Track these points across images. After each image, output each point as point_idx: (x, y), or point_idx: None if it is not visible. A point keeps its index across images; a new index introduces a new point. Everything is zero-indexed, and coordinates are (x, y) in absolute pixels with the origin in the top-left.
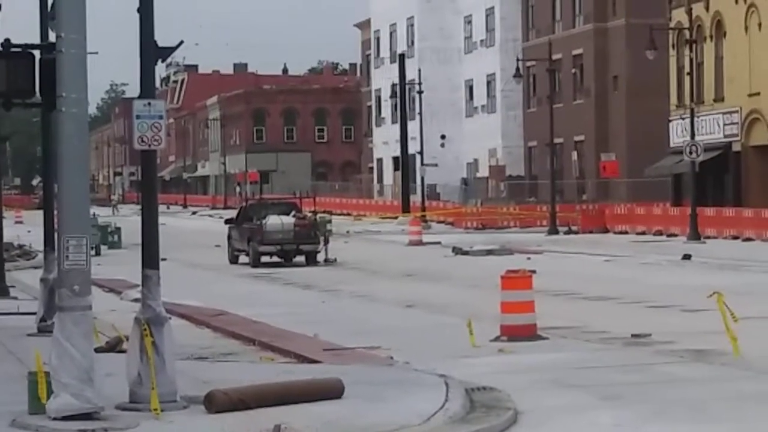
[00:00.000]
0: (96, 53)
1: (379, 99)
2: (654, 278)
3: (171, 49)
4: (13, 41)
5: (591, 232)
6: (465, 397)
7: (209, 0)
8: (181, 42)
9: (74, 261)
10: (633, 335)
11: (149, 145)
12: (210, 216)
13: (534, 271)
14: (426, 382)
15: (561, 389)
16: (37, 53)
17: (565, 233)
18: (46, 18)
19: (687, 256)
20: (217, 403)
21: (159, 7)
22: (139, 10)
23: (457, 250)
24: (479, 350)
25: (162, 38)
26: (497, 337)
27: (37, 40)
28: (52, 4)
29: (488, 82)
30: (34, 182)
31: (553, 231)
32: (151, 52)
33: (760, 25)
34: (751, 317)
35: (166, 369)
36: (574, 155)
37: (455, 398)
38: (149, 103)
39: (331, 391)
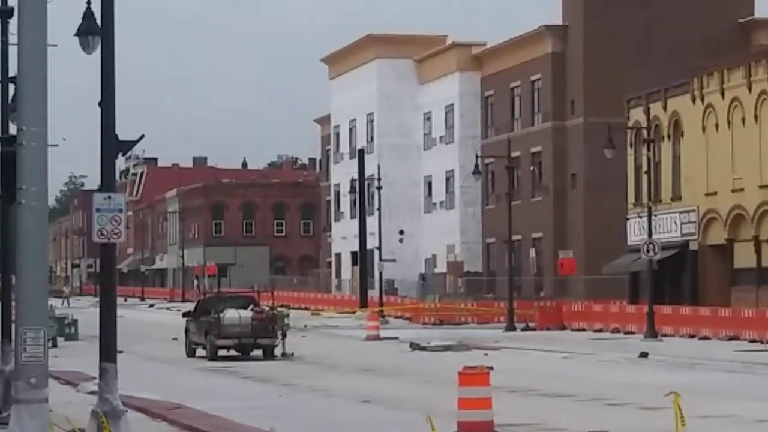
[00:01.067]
0: (56, 146)
1: (338, 194)
2: (611, 376)
3: (132, 143)
4: None
5: (548, 328)
6: None
7: (169, 93)
8: (142, 136)
9: (32, 353)
10: None
11: (108, 239)
12: (168, 309)
13: (491, 368)
14: None
15: None
16: None
17: (523, 330)
18: (7, 110)
19: (644, 354)
20: None
21: (118, 99)
22: (100, 104)
23: (415, 346)
24: None
25: (121, 131)
26: None
27: None
28: (14, 97)
29: (447, 179)
30: None
31: (511, 327)
32: (112, 145)
33: (717, 125)
34: (707, 416)
35: None
36: (532, 252)
37: None
38: (109, 197)
39: None
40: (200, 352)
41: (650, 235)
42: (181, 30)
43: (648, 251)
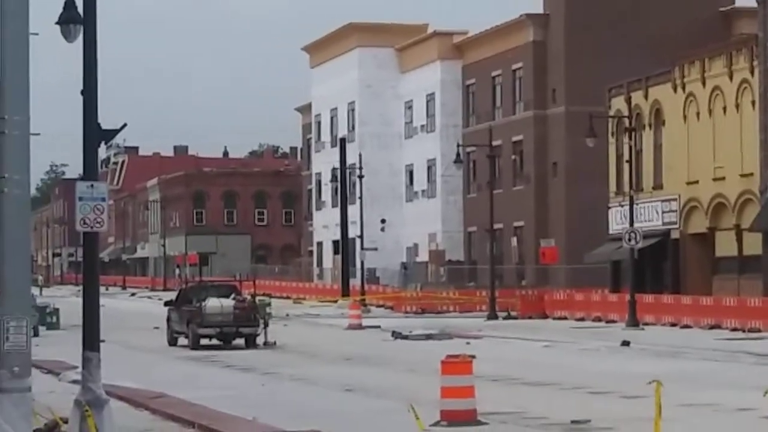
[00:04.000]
0: (38, 134)
1: (319, 183)
2: (593, 364)
3: (115, 132)
4: None
5: (530, 317)
6: None
7: (150, 82)
8: (125, 124)
9: (14, 342)
10: (572, 421)
11: (91, 227)
12: (149, 298)
13: (474, 356)
14: None
15: None
16: None
17: (505, 318)
18: None
19: (626, 343)
20: None
21: (99, 88)
22: (82, 93)
23: (397, 335)
24: None
25: (103, 120)
26: (437, 422)
27: None
28: None
29: (428, 167)
30: None
31: (493, 316)
32: (94, 134)
33: (698, 114)
34: (689, 404)
35: None
36: (514, 241)
37: None
38: (92, 185)
39: None
40: (182, 341)
41: (632, 223)
42: (162, 18)
43: (630, 240)
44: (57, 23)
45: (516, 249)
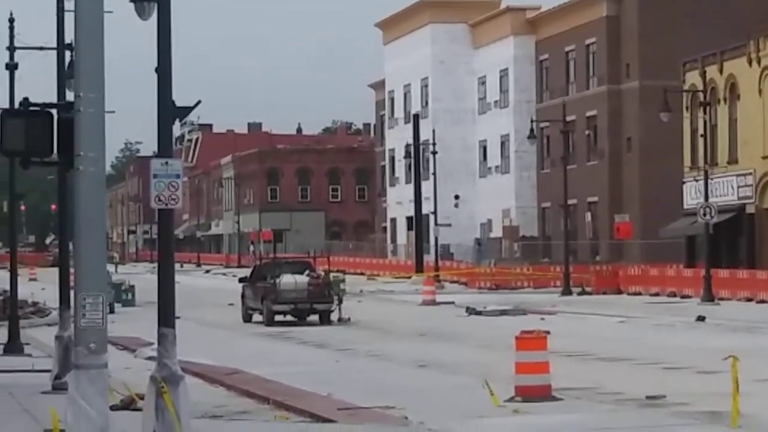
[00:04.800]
0: (113, 112)
1: (393, 159)
2: (668, 340)
3: (189, 109)
4: (31, 100)
5: (604, 293)
6: None
7: (224, 59)
8: (199, 101)
9: (91, 319)
10: (648, 397)
11: (166, 204)
12: (224, 275)
13: (548, 332)
14: None
15: None
16: (55, 112)
17: (579, 294)
18: (64, 77)
19: (701, 318)
20: None
21: (174, 65)
22: (157, 70)
23: (471, 311)
24: (494, 411)
25: (177, 97)
26: (512, 397)
27: (55, 99)
28: (70, 63)
29: (502, 143)
30: (48, 240)
31: (567, 292)
32: (169, 111)
33: None
34: (765, 379)
35: (182, 427)
36: (588, 216)
37: None
38: (166, 162)
39: None
40: (257, 317)
41: (707, 198)
42: None
43: (704, 215)
44: (131, 0)
45: (590, 224)
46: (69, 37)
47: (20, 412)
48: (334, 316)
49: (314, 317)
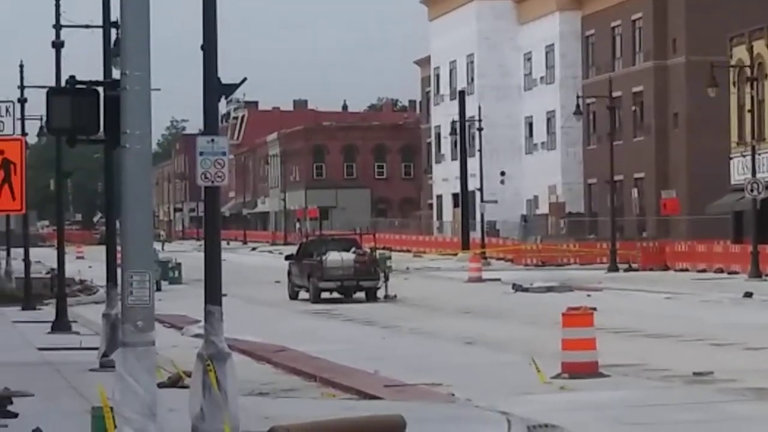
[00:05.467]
0: (159, 90)
1: (438, 136)
2: (715, 316)
3: (235, 86)
4: (77, 78)
5: (651, 269)
6: None
7: (269, 37)
8: (245, 79)
9: (138, 297)
10: (695, 373)
11: (212, 182)
12: (270, 252)
13: (594, 309)
14: (488, 418)
15: (623, 427)
16: (101, 90)
17: (625, 270)
18: (110, 55)
19: (748, 294)
20: None
21: (219, 43)
22: (202, 47)
23: (517, 287)
24: (540, 387)
25: (223, 74)
26: (558, 374)
27: (100, 77)
28: (116, 42)
29: (548, 119)
30: (95, 218)
31: (613, 268)
32: (214, 89)
33: None
34: None
35: (229, 405)
36: (635, 192)
37: None
38: (212, 140)
39: (393, 428)
40: (303, 294)
41: (754, 174)
42: None
43: (752, 190)
44: None
45: (636, 200)
46: (115, 14)
47: (68, 390)
48: (380, 293)
49: (360, 294)
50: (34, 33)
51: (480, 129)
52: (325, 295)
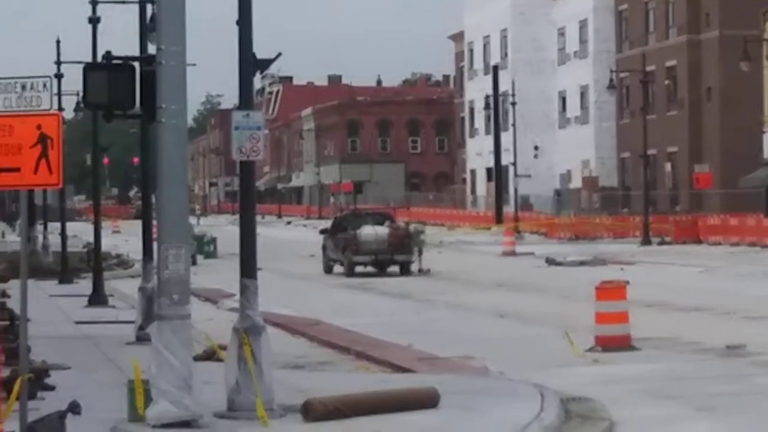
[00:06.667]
0: (194, 65)
1: (472, 110)
2: (748, 289)
3: (269, 61)
4: (113, 54)
5: (684, 243)
6: (560, 407)
7: (303, 12)
8: (279, 54)
9: (173, 270)
10: (728, 346)
11: (247, 156)
12: (304, 226)
13: (628, 282)
14: (521, 391)
15: (656, 400)
16: (137, 65)
17: (659, 244)
18: (146, 30)
19: None
20: (314, 411)
21: (254, 18)
22: (238, 23)
23: (551, 261)
24: (574, 360)
25: (257, 49)
26: (591, 347)
27: (136, 52)
28: (152, 17)
29: (581, 94)
30: (131, 193)
31: (646, 242)
32: (250, 64)
33: None
34: None
35: (263, 377)
36: (668, 166)
37: (550, 408)
38: (248, 115)
39: (427, 401)
40: (337, 268)
41: None
42: None
43: None
44: None
45: (669, 174)
46: None
47: (104, 363)
48: (414, 267)
49: (394, 268)
50: (71, 9)
51: (513, 103)
52: (359, 269)
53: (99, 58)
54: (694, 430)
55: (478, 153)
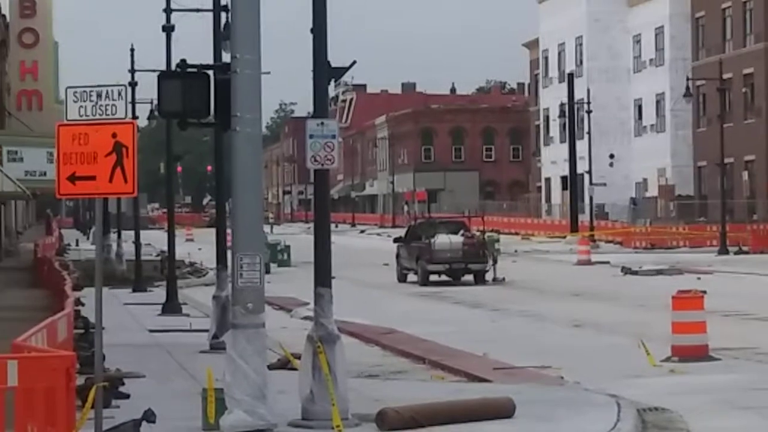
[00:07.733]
0: (269, 73)
1: (547, 118)
2: None
3: (344, 69)
4: (188, 62)
5: (762, 252)
6: (637, 417)
7: (378, 20)
8: (354, 62)
9: (248, 279)
10: None
11: (322, 164)
12: (378, 235)
13: (705, 292)
14: (597, 401)
15: (734, 411)
16: (211, 73)
17: (736, 253)
18: (220, 39)
19: None
20: (389, 420)
21: (328, 26)
22: (312, 31)
23: (626, 270)
24: (650, 370)
25: (331, 57)
26: (668, 357)
27: (210, 61)
28: (226, 25)
29: (657, 102)
30: (205, 201)
31: (724, 251)
32: (324, 72)
33: None
34: None
35: (338, 386)
36: (745, 175)
37: (627, 418)
38: (322, 123)
39: (502, 410)
40: (411, 277)
41: None
42: None
43: None
44: None
45: (747, 183)
46: None
47: (179, 371)
48: (488, 276)
49: (469, 277)
50: (145, 17)
51: (589, 111)
52: (433, 277)
53: (173, 67)
54: None
55: (552, 161)
